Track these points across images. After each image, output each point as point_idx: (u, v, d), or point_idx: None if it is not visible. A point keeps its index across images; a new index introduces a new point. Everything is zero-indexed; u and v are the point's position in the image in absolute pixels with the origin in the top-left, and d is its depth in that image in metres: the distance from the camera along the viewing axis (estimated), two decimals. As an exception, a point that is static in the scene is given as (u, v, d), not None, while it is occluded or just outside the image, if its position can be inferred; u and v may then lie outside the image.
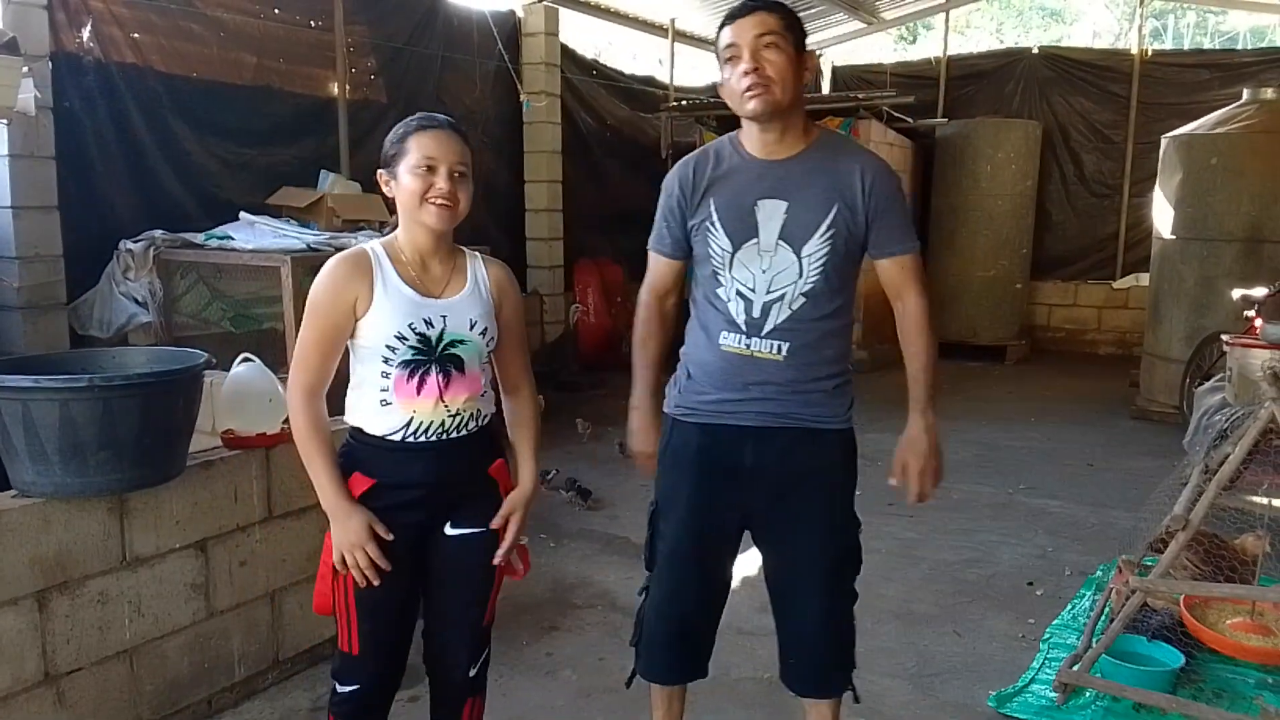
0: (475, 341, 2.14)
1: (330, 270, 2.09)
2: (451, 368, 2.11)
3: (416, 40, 7.33)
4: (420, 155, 2.04)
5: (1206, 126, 7.12)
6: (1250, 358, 4.44)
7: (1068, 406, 7.82)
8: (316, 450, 2.08)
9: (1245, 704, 3.00)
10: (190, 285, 5.11)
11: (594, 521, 4.89)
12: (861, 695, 2.46)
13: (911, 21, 13.71)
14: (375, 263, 2.09)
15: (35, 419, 2.42)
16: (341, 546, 2.07)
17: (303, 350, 2.10)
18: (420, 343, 2.07)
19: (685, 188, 2.24)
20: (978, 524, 4.89)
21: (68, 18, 5.05)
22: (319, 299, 2.07)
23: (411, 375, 2.08)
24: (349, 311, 2.07)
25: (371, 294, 2.06)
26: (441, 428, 2.12)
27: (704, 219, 2.21)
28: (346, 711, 2.22)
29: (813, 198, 2.14)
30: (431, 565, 2.20)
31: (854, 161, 2.18)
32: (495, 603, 2.28)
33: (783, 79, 2.07)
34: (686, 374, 2.31)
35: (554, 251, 8.69)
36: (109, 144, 5.31)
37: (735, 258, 2.17)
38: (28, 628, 2.50)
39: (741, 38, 2.08)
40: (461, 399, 2.12)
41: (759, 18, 2.08)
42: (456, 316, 2.12)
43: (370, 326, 2.07)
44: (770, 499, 2.25)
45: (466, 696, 2.30)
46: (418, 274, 2.12)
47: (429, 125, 2.08)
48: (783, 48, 2.07)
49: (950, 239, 9.90)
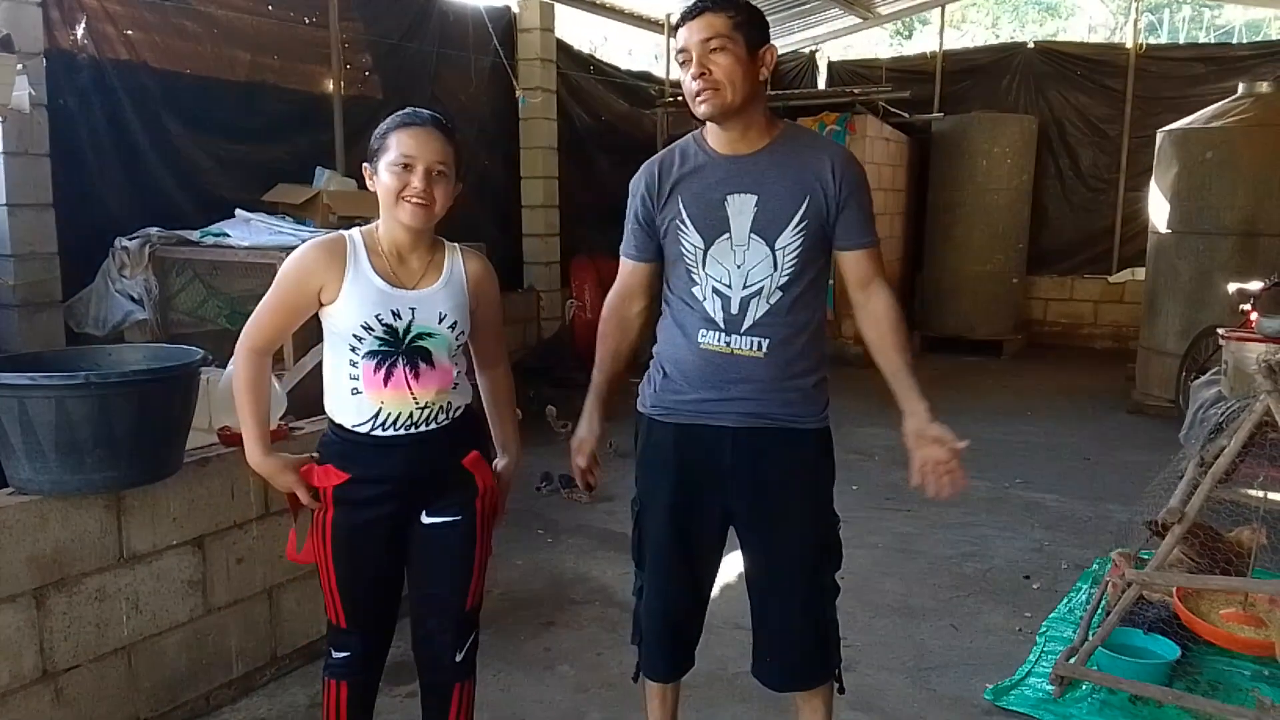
0: (444, 335, 2.16)
1: (303, 253, 2.13)
2: (419, 360, 2.13)
3: (411, 36, 7.31)
4: (399, 153, 2.06)
5: (1202, 120, 7.13)
6: (1246, 351, 4.44)
7: (1064, 401, 7.83)
8: (250, 405, 2.17)
9: (1241, 696, 3.01)
10: (186, 282, 5.10)
11: (591, 517, 4.89)
12: (859, 689, 2.47)
13: (907, 16, 13.72)
14: (350, 251, 2.12)
15: (32, 417, 2.42)
16: (283, 485, 2.20)
17: (259, 313, 2.17)
18: (387, 334, 2.10)
19: (651, 188, 2.24)
20: (974, 518, 4.90)
21: (62, 15, 5.03)
22: (286, 276, 2.13)
23: (379, 366, 2.11)
24: (312, 295, 2.11)
25: (341, 282, 2.09)
26: (410, 419, 2.15)
27: (673, 216, 2.20)
28: (342, 674, 2.31)
29: (784, 190, 2.14)
30: (411, 553, 2.26)
31: (822, 152, 2.18)
32: (479, 588, 2.31)
33: (732, 81, 2.05)
34: (662, 373, 2.30)
35: (550, 247, 8.68)
36: (104, 141, 5.29)
37: (708, 254, 2.17)
38: (25, 625, 2.50)
39: (690, 41, 2.07)
40: (431, 392, 2.15)
41: (705, 20, 2.06)
42: (426, 309, 2.14)
43: (338, 314, 2.11)
44: (749, 499, 2.25)
45: (455, 681, 2.33)
46: (393, 266, 2.14)
47: (411, 122, 2.10)
48: (731, 49, 2.05)
49: (946, 234, 9.91)
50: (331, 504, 2.17)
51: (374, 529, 2.18)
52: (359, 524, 2.17)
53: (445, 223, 2.21)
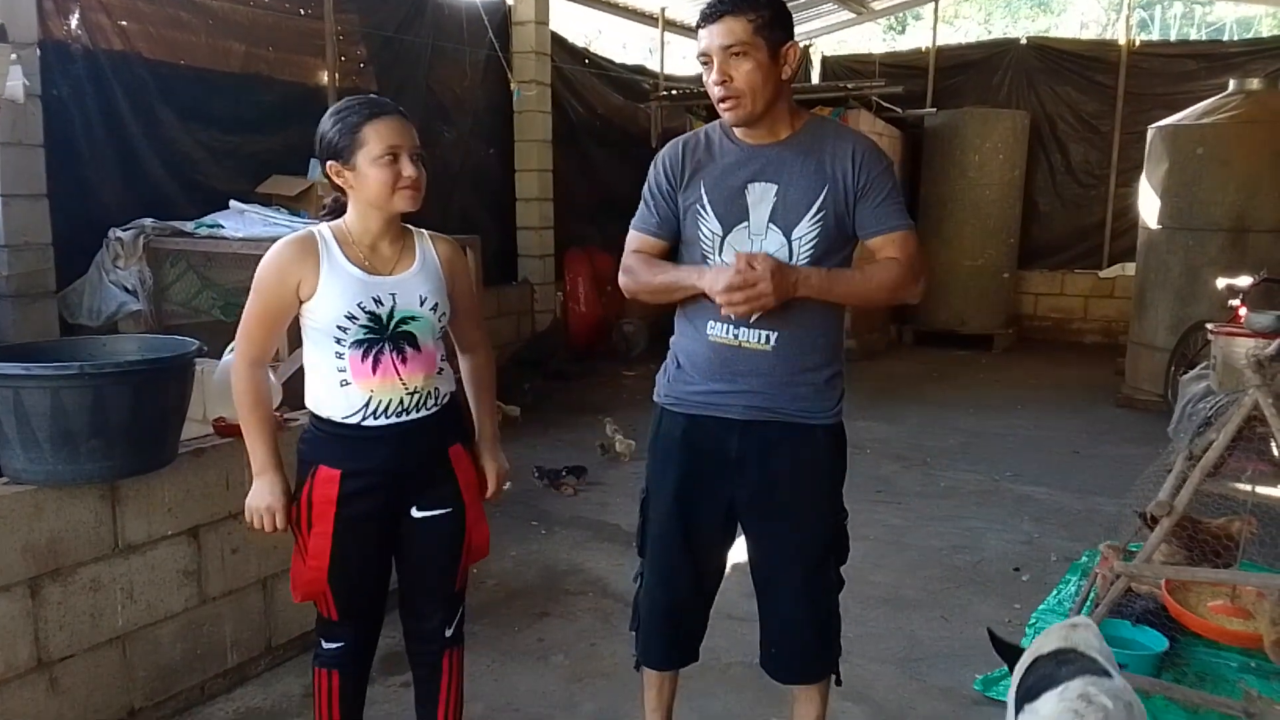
0: (427, 317, 2.18)
1: (276, 252, 2.14)
2: (405, 345, 2.15)
3: (406, 28, 7.30)
4: (383, 145, 2.06)
5: (1193, 117, 7.16)
6: (1235, 346, 4.47)
7: (1054, 394, 7.87)
8: (256, 418, 2.19)
9: (1228, 687, 3.04)
10: (180, 274, 5.09)
11: (585, 509, 4.91)
12: (850, 680, 2.49)
13: (900, 12, 13.73)
14: (322, 245, 2.13)
15: (27, 407, 2.43)
16: (255, 505, 2.20)
17: (247, 325, 2.18)
18: (371, 321, 2.12)
19: (675, 166, 2.23)
20: (964, 511, 4.93)
21: (55, 5, 5.02)
22: (263, 279, 2.14)
23: (366, 355, 2.12)
24: (292, 293, 2.12)
25: (317, 276, 2.10)
26: (400, 405, 2.16)
27: (694, 200, 2.19)
28: (334, 663, 2.33)
29: (803, 180, 2.13)
30: (402, 546, 2.29)
31: (846, 142, 2.17)
32: (466, 571, 2.37)
33: (753, 89, 2.05)
34: (676, 363, 2.31)
35: (544, 240, 8.68)
36: (97, 132, 5.28)
37: (725, 241, 2.17)
38: (20, 614, 2.51)
39: (710, 45, 2.06)
40: (420, 377, 2.18)
41: (726, 26, 2.04)
42: (406, 294, 2.16)
43: (319, 308, 2.11)
44: (755, 490, 2.26)
45: (445, 649, 2.38)
46: (366, 255, 2.16)
47: (383, 112, 2.09)
48: (752, 55, 2.04)
49: (938, 228, 9.94)
50: (334, 504, 2.17)
51: (365, 523, 2.19)
52: (350, 518, 2.17)
53: (440, 215, 2.23)
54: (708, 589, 2.41)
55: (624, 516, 4.60)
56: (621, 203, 3.89)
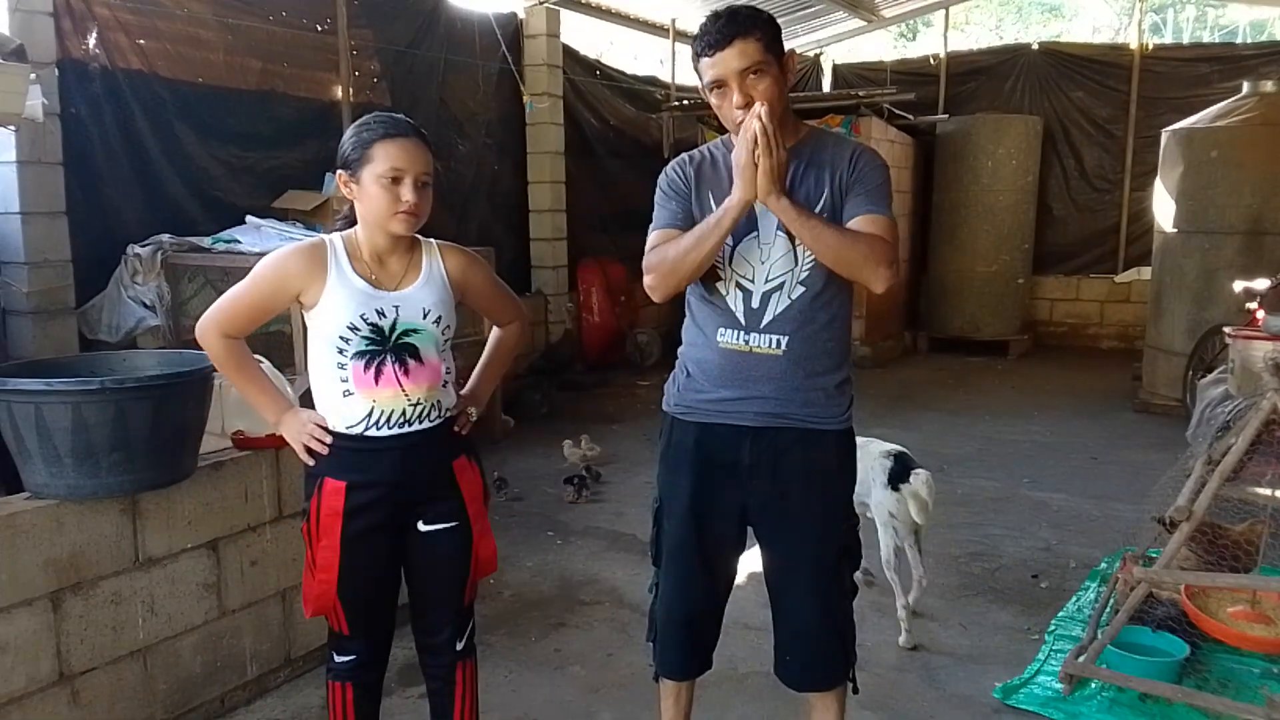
0: (429, 330, 2.20)
1: (285, 256, 2.16)
2: (408, 356, 2.17)
3: (419, 43, 7.35)
4: (388, 165, 2.07)
5: (1206, 120, 7.13)
6: (1252, 349, 4.45)
7: (1070, 400, 7.83)
8: (247, 374, 2.25)
9: (1250, 693, 3.02)
10: (198, 289, 5.14)
11: (600, 519, 4.91)
12: (868, 689, 2.48)
13: (911, 19, 13.73)
14: (331, 255, 2.16)
15: (48, 422, 2.45)
16: (294, 435, 2.21)
17: (234, 304, 2.19)
18: (373, 333, 2.14)
19: (684, 176, 2.26)
20: (982, 517, 4.91)
21: (73, 25, 5.08)
22: (264, 276, 2.16)
23: (368, 366, 2.14)
24: (289, 298, 2.17)
25: (323, 286, 2.13)
26: (403, 416, 2.18)
27: (704, 214, 2.20)
28: (346, 677, 2.34)
29: (809, 188, 2.16)
30: (410, 559, 2.31)
31: (845, 149, 2.21)
32: (475, 584, 2.39)
33: (773, 103, 2.06)
34: (685, 372, 2.32)
35: (558, 251, 8.71)
36: (115, 150, 5.34)
37: (735, 251, 2.19)
38: (42, 628, 2.53)
39: (726, 71, 2.05)
40: (423, 388, 2.19)
41: (739, 49, 2.03)
42: (409, 307, 2.18)
43: (323, 317, 2.14)
44: (768, 497, 2.27)
45: (458, 662, 2.38)
46: (373, 269, 2.18)
47: (396, 133, 2.10)
48: (768, 71, 2.05)
49: (952, 235, 9.93)
50: (340, 516, 2.19)
51: (372, 535, 2.21)
52: (357, 531, 2.19)
53: (456, 228, 2.25)
54: (721, 597, 2.42)
55: (639, 526, 4.60)
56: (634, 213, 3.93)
